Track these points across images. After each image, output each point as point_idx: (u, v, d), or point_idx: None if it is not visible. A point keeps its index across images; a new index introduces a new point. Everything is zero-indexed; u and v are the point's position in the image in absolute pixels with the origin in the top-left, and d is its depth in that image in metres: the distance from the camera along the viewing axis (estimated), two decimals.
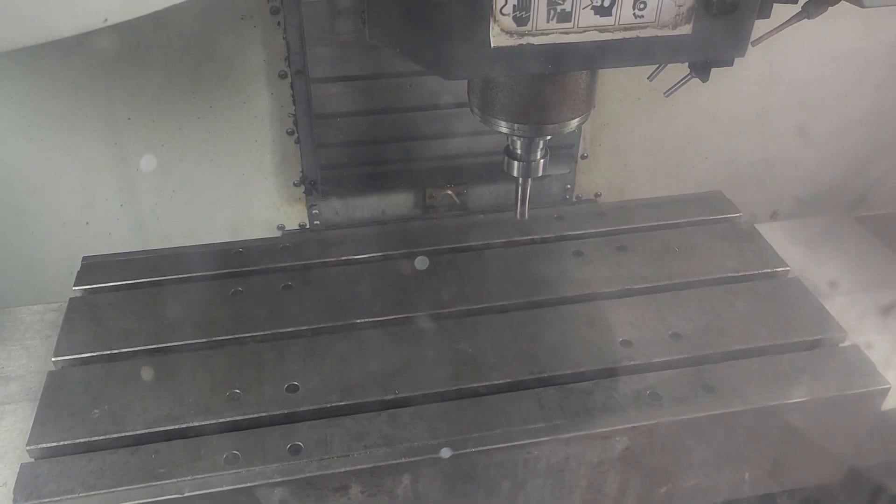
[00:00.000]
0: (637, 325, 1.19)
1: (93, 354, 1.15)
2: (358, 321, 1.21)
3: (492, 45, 0.85)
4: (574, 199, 1.72)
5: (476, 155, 1.58)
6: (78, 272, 1.31)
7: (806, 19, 1.07)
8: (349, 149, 1.55)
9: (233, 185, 1.58)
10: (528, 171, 1.11)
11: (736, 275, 1.30)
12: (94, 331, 1.18)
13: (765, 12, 0.97)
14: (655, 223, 1.42)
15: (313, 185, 1.59)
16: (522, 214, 1.17)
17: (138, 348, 1.15)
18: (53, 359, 1.15)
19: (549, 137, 1.08)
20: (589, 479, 1.09)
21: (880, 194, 1.47)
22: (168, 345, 1.16)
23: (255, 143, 1.54)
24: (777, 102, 1.72)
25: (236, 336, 1.18)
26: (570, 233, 1.39)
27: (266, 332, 1.19)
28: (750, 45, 0.94)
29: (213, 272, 1.30)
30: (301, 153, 1.56)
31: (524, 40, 0.85)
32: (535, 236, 1.40)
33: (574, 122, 1.05)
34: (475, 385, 1.10)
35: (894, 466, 1.23)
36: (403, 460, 1.00)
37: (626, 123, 1.68)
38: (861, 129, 1.78)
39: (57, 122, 1.44)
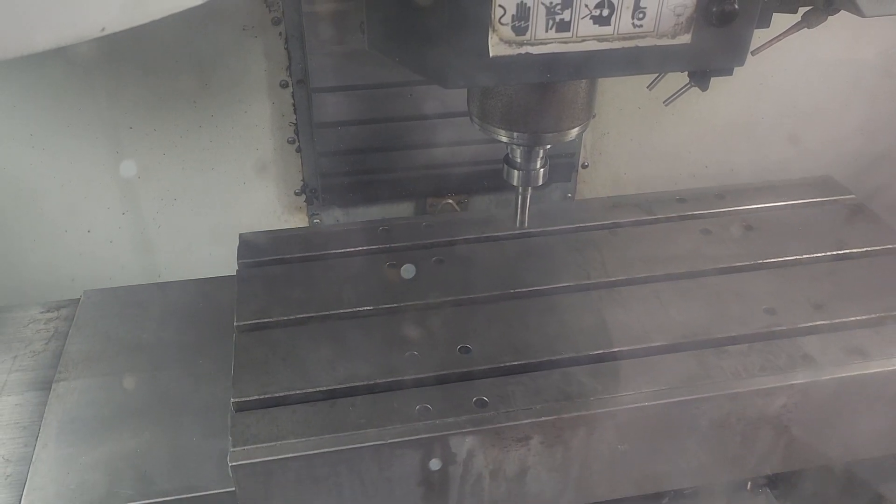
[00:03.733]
0: (778, 296, 1.25)
1: (271, 320, 1.21)
2: (513, 291, 1.27)
3: (490, 55, 0.85)
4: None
5: (477, 163, 1.58)
6: (238, 247, 1.36)
7: (805, 29, 1.07)
8: (350, 157, 1.55)
9: (234, 194, 1.58)
10: (527, 180, 1.11)
11: (861, 250, 1.36)
12: (267, 300, 1.25)
13: (764, 22, 0.97)
14: (775, 204, 1.48)
15: (314, 194, 1.60)
16: (522, 223, 1.17)
17: (313, 314, 1.22)
18: (236, 323, 1.20)
19: (548, 146, 1.08)
20: (744, 436, 1.15)
21: (878, 206, 1.49)
22: (337, 311, 1.23)
23: (257, 152, 1.55)
24: (777, 112, 1.72)
25: (399, 305, 1.24)
26: (693, 212, 1.45)
27: (426, 302, 1.25)
28: (749, 55, 0.95)
29: (364, 247, 1.36)
30: (302, 162, 1.57)
31: (523, 49, 0.86)
32: (659, 216, 1.45)
33: (573, 132, 1.05)
34: (637, 347, 1.16)
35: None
36: (585, 413, 1.06)
37: (627, 132, 1.68)
38: (857, 137, 1.78)
39: (59, 131, 1.45)
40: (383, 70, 1.44)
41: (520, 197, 1.15)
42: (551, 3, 0.83)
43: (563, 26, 0.85)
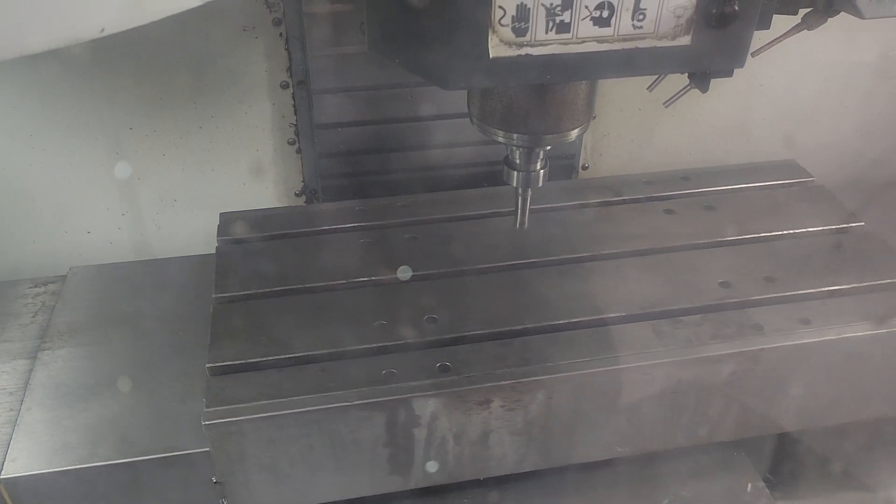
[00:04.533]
0: (733, 271, 1.30)
1: (248, 293, 1.26)
2: (483, 266, 1.32)
3: (490, 56, 0.85)
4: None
5: (477, 164, 1.58)
6: (219, 226, 1.40)
7: (806, 30, 1.07)
8: (350, 158, 1.56)
9: (234, 195, 1.58)
10: (527, 182, 1.11)
11: (817, 229, 1.42)
12: (244, 274, 1.30)
13: (764, 23, 0.97)
14: (738, 186, 1.53)
15: (314, 196, 1.60)
16: (522, 224, 1.17)
17: (288, 287, 1.27)
18: (214, 296, 1.25)
19: (548, 148, 1.08)
20: (697, 401, 1.19)
21: (877, 205, 1.50)
22: (311, 285, 1.27)
23: (257, 153, 1.55)
24: (776, 114, 1.72)
25: (372, 279, 1.29)
26: (659, 194, 1.50)
27: (399, 276, 1.29)
28: (750, 56, 0.94)
29: (341, 226, 1.41)
30: (302, 163, 1.56)
31: (523, 51, 0.85)
32: (626, 197, 1.49)
33: (574, 133, 1.04)
34: (596, 317, 1.20)
35: None
36: (543, 377, 1.11)
37: (627, 134, 1.68)
38: (856, 139, 1.78)
39: (59, 131, 1.45)
40: (384, 71, 1.44)
41: (520, 198, 1.15)
42: (551, 4, 0.83)
43: (563, 27, 0.85)
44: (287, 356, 1.13)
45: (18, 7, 0.55)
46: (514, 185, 1.12)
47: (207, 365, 1.12)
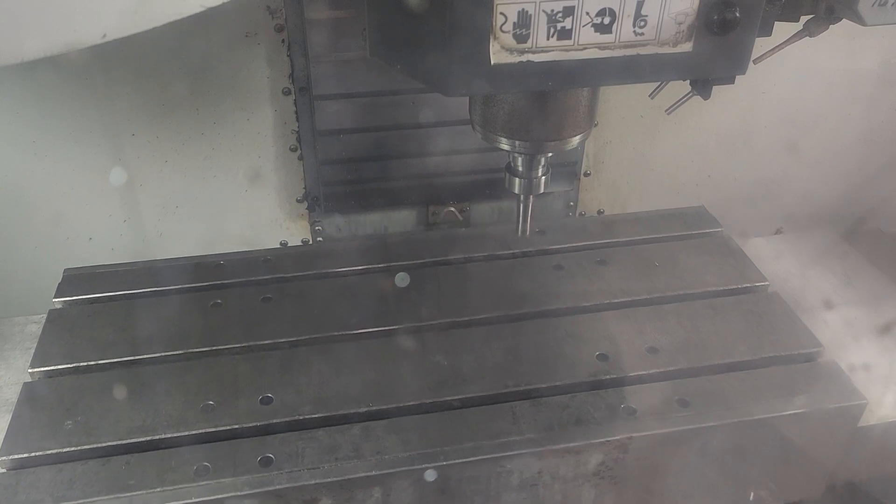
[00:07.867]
0: (614, 340, 1.18)
1: (69, 366, 1.14)
2: (336, 334, 1.20)
3: (492, 63, 0.85)
4: (577, 216, 1.72)
5: (479, 172, 1.58)
6: (59, 284, 1.31)
7: (808, 37, 1.07)
8: (352, 165, 1.55)
9: (236, 201, 1.58)
10: (529, 188, 1.11)
11: (715, 289, 1.29)
12: (71, 342, 1.18)
13: (766, 30, 0.97)
14: (637, 237, 1.41)
15: (316, 202, 1.60)
16: (524, 231, 1.16)
17: (114, 360, 1.15)
18: (29, 370, 1.14)
19: (550, 154, 1.08)
20: (563, 494, 1.07)
21: (880, 216, 1.49)
22: (144, 356, 1.15)
23: (259, 160, 1.55)
24: (778, 121, 1.72)
25: (213, 348, 1.17)
26: (551, 247, 1.39)
27: (242, 345, 1.18)
28: (751, 63, 0.94)
29: (193, 285, 1.29)
30: (304, 169, 1.56)
31: (524, 57, 0.85)
32: (516, 251, 1.38)
33: (575, 140, 1.04)
34: (450, 398, 1.09)
35: (873, 483, 1.23)
36: (374, 473, 0.99)
37: (629, 141, 1.68)
38: (858, 147, 1.78)
39: (62, 138, 1.45)
40: (386, 78, 1.44)
41: (521, 205, 1.14)
42: (552, 10, 0.83)
43: (565, 34, 0.85)
44: (92, 446, 1.01)
45: (20, 13, 0.55)
46: (516, 191, 1.12)
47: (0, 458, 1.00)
